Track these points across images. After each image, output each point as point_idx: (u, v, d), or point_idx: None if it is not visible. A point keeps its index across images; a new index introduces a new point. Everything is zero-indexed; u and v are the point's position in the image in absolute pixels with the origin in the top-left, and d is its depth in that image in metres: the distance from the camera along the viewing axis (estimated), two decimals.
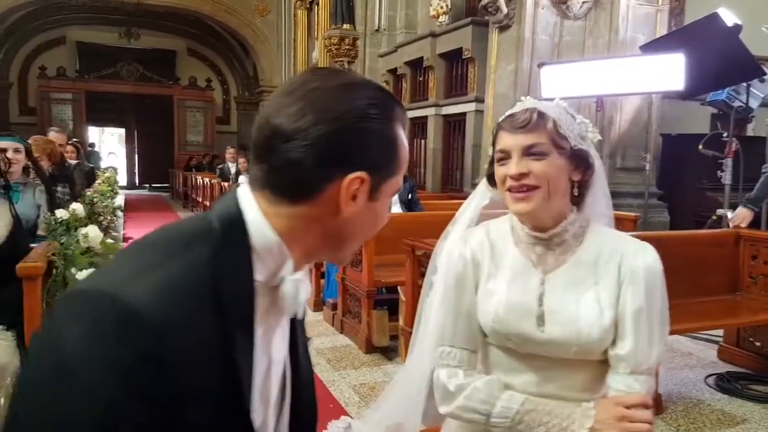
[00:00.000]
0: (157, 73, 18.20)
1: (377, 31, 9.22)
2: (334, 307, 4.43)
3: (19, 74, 17.11)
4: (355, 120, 0.68)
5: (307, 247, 0.72)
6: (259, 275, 0.68)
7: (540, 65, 5.14)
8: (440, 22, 7.53)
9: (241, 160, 8.83)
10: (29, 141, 3.93)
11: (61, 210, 3.24)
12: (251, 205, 0.69)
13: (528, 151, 1.10)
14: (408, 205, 4.96)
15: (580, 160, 1.13)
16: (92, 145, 16.42)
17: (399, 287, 3.62)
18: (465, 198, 1.40)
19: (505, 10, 5.69)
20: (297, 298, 0.72)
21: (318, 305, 4.80)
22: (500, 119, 1.17)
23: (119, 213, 6.57)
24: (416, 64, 7.97)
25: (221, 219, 0.68)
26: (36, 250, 2.45)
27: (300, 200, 0.68)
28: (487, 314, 1.20)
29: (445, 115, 7.48)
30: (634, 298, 1.11)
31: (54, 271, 2.49)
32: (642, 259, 1.13)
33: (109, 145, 20.60)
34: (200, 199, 11.46)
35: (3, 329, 2.17)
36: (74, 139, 7.25)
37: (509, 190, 1.13)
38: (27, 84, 17.19)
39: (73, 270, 2.61)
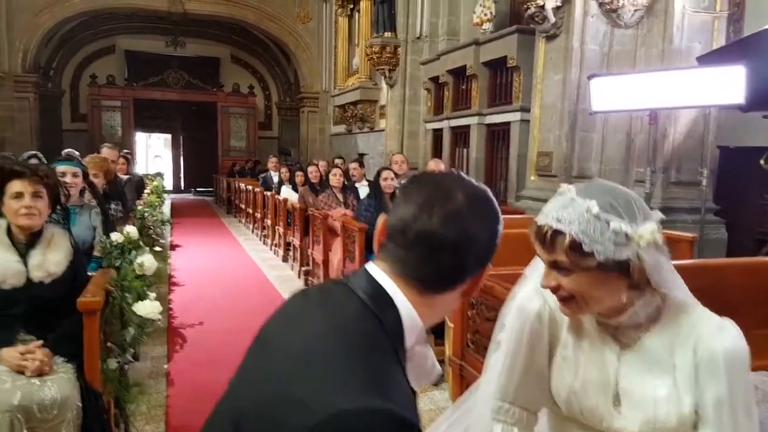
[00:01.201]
0: (201, 81, 18.60)
1: (419, 38, 9.16)
2: None
3: (71, 82, 17.75)
4: (496, 225, 0.87)
5: (427, 322, 0.85)
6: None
7: (590, 77, 4.99)
8: (484, 30, 7.43)
9: (283, 170, 8.90)
10: (85, 160, 4.06)
11: (116, 234, 3.33)
12: (400, 295, 0.81)
13: (553, 266, 1.04)
14: None
15: (618, 270, 1.01)
16: None
17: None
18: (510, 212, 1.34)
19: (552, 19, 5.55)
20: (435, 369, 0.88)
21: None
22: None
23: (167, 224, 6.72)
24: (459, 73, 7.88)
25: (380, 309, 0.79)
26: (94, 280, 2.49)
27: (445, 290, 0.84)
28: (561, 384, 1.15)
29: (488, 125, 7.37)
30: (714, 387, 1.02)
31: (111, 300, 2.54)
32: (720, 341, 1.03)
33: (155, 148, 21.11)
34: (243, 206, 11.64)
35: (64, 362, 2.22)
36: (124, 151, 7.41)
37: None
38: (78, 92, 17.80)
39: (129, 300, 2.67)
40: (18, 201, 2.20)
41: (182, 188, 19.50)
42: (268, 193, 8.84)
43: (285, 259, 7.68)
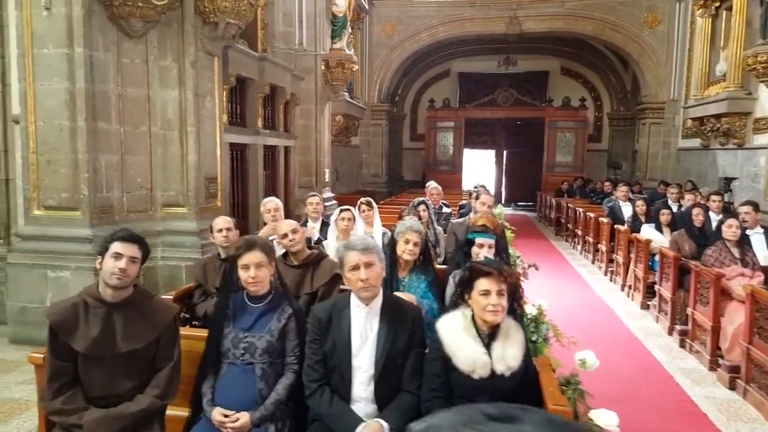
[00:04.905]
0: (529, 96, 18.66)
1: None
2: None
3: (411, 106, 19.84)
4: None
5: None
6: None
7: None
8: None
9: (639, 203, 7.85)
10: (478, 222, 4.10)
11: (531, 306, 3.28)
12: None
13: None
14: None
15: None
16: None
17: None
18: None
19: None
20: None
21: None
22: None
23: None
24: None
25: None
26: (545, 380, 2.42)
27: None
28: None
29: None
30: None
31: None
32: None
33: (470, 156, 21.65)
34: (579, 232, 11.01)
35: None
36: (479, 185, 7.42)
37: None
38: (417, 114, 19.80)
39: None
40: (486, 298, 2.31)
41: (502, 202, 19.92)
42: (620, 228, 8.06)
43: (645, 307, 6.85)
